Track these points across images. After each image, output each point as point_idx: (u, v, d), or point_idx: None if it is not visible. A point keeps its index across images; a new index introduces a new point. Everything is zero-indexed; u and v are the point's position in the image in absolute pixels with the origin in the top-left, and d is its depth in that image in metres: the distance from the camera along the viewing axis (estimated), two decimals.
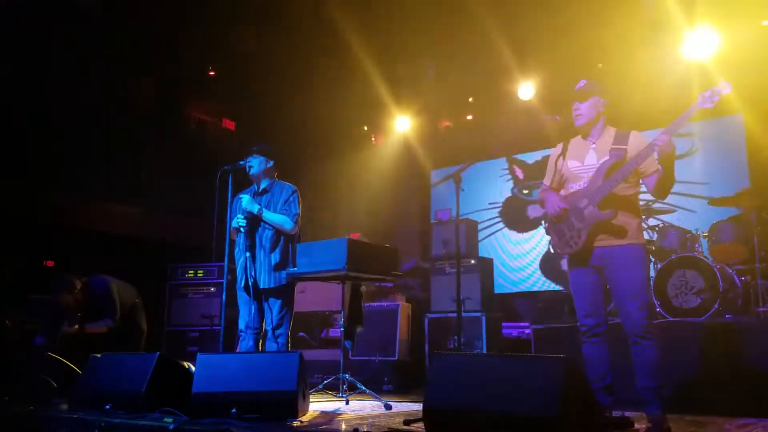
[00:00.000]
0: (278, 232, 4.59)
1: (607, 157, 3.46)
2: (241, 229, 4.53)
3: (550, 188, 3.74)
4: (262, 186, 4.74)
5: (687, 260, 5.27)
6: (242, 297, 4.62)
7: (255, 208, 4.51)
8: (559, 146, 3.72)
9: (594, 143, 3.57)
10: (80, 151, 8.08)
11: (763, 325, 4.46)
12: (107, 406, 3.68)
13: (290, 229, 4.61)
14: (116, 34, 8.01)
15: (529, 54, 7.89)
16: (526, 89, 8.28)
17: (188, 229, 9.38)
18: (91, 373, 4.05)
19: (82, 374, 4.15)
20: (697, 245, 5.60)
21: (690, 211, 7.40)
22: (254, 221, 4.56)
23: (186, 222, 9.41)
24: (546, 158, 3.84)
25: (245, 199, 4.55)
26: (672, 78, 7.25)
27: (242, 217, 4.52)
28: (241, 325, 4.60)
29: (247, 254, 4.52)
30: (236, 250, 4.62)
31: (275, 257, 4.56)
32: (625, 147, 3.44)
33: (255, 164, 4.68)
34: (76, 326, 5.22)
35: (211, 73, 9.52)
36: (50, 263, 7.79)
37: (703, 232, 5.67)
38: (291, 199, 4.68)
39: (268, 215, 4.55)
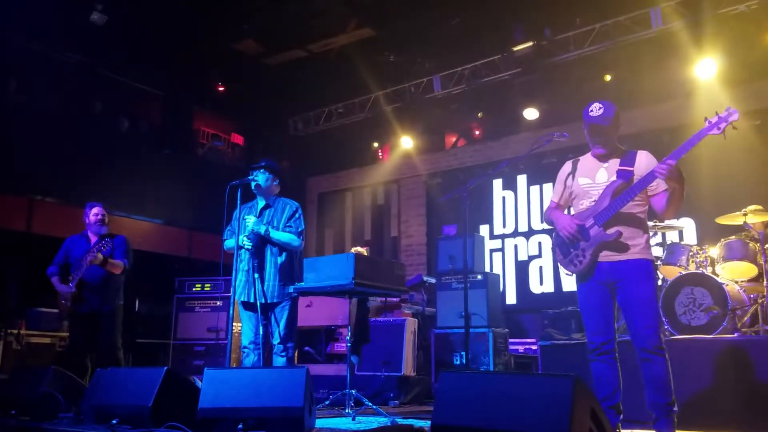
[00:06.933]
0: (283, 248, 4.59)
1: (614, 178, 3.46)
2: (246, 247, 4.51)
3: (558, 205, 3.74)
4: (266, 201, 4.75)
5: (695, 277, 5.24)
6: (245, 313, 4.61)
7: (262, 230, 4.50)
8: (569, 164, 3.72)
9: (605, 162, 3.57)
10: (87, 164, 8.13)
11: None
12: (114, 421, 3.66)
13: (297, 246, 4.61)
14: (126, 48, 8.10)
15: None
16: (531, 113, 8.37)
17: (196, 243, 9.41)
18: (98, 388, 4.03)
19: (89, 388, 4.14)
20: (705, 262, 5.57)
21: (698, 228, 7.38)
22: (260, 240, 4.56)
23: (193, 236, 9.44)
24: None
25: (251, 221, 4.53)
26: (679, 96, 7.29)
27: (248, 239, 4.51)
28: (245, 342, 4.59)
29: (256, 275, 4.51)
30: (237, 265, 4.59)
31: (281, 272, 4.56)
32: (632, 168, 3.44)
33: (261, 180, 4.67)
34: (101, 255, 5.29)
35: (220, 88, 9.59)
36: None
37: (711, 249, 5.63)
38: (296, 215, 4.69)
39: (276, 235, 4.54)
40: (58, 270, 5.51)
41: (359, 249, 7.07)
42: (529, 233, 8.86)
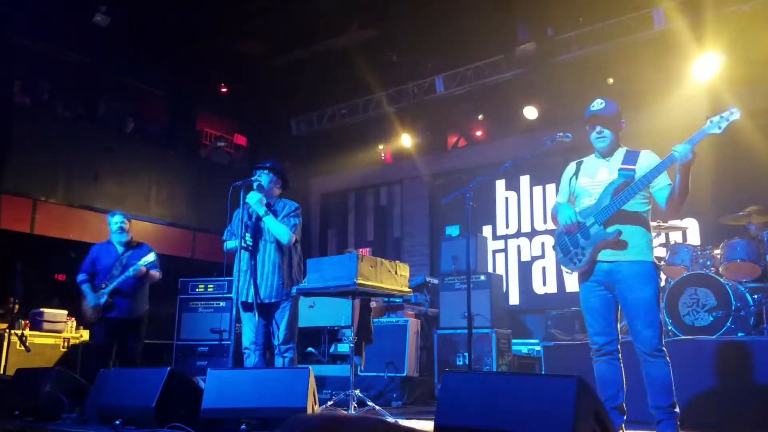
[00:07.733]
0: (280, 248, 4.59)
1: (615, 176, 3.44)
2: (248, 246, 4.51)
3: None
4: (267, 201, 4.74)
5: (699, 278, 5.22)
6: (246, 314, 4.61)
7: (261, 211, 4.53)
8: (572, 165, 3.71)
9: (607, 161, 3.56)
10: (90, 165, 8.15)
11: None
12: (117, 422, 3.67)
13: (288, 240, 4.58)
14: (128, 49, 8.12)
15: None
16: (533, 113, 8.40)
17: (199, 244, 9.42)
18: (102, 388, 4.04)
19: (93, 389, 4.15)
20: (708, 262, 5.56)
21: (701, 228, 7.37)
22: (258, 236, 4.57)
23: (197, 236, 9.46)
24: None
25: (254, 197, 4.54)
26: (681, 96, 7.28)
27: (249, 236, 4.51)
28: (246, 342, 4.58)
29: (251, 267, 4.53)
30: (237, 266, 4.58)
31: (280, 273, 4.55)
32: (633, 167, 3.42)
33: (264, 181, 4.66)
34: (144, 269, 5.49)
35: (223, 89, 9.60)
36: (62, 277, 7.82)
37: (715, 250, 5.62)
38: (293, 213, 4.69)
39: (270, 221, 4.55)
40: (89, 278, 5.56)
41: (352, 251, 7.08)
42: (532, 234, 8.85)
